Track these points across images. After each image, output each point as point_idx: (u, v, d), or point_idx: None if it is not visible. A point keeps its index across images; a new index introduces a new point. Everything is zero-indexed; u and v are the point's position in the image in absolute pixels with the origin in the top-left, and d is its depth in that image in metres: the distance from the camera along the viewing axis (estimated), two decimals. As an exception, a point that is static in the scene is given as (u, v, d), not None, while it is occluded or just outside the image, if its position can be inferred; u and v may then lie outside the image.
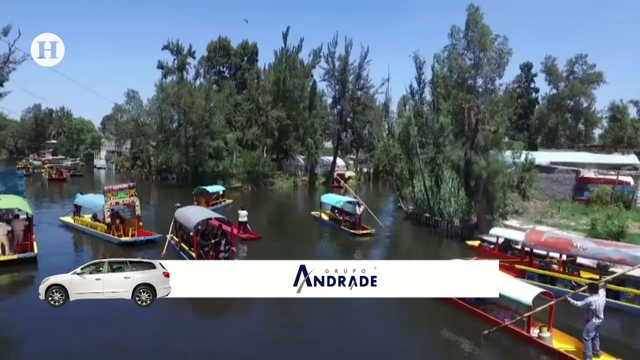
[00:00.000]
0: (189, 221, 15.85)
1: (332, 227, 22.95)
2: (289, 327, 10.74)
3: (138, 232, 18.22)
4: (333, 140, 59.91)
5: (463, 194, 21.83)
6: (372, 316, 11.42)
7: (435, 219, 23.80)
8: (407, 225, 26.04)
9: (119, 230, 17.89)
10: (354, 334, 10.45)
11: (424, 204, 25.39)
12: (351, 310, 11.37)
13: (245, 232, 20.56)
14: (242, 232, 20.43)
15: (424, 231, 23.48)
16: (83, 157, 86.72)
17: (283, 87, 48.59)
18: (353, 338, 10.23)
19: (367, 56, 55.09)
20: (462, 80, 39.91)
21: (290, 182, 49.25)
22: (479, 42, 37.68)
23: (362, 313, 11.44)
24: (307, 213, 31.00)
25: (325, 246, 20.68)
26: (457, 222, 21.83)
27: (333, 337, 10.23)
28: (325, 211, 24.58)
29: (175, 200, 36.39)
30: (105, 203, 17.74)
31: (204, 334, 10.23)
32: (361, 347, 9.78)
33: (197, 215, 16.20)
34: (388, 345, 10.01)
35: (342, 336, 10.30)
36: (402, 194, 28.20)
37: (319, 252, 19.26)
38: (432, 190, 24.23)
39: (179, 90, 40.27)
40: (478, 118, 19.07)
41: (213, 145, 42.11)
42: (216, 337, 10.24)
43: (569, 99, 56.50)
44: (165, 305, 9.73)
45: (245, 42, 60.65)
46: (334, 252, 19.16)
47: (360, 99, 57.41)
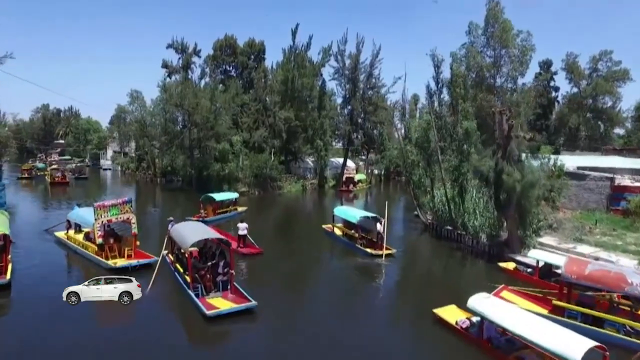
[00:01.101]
0: (183, 241, 14.19)
1: (345, 244, 20.58)
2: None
3: (135, 253, 16.40)
4: (343, 142, 57.94)
5: (491, 206, 19.69)
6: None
7: (458, 232, 21.74)
8: (425, 238, 24.02)
9: (113, 251, 16.09)
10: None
11: (445, 215, 23.34)
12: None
13: (245, 246, 18.96)
14: (242, 245, 18.85)
15: (445, 246, 21.42)
16: (90, 158, 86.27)
17: (291, 87, 46.71)
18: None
19: (379, 54, 53.31)
20: (480, 79, 37.80)
21: (299, 185, 47.44)
22: (500, 38, 35.52)
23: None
24: (317, 222, 29.09)
25: (337, 268, 18.33)
26: (483, 238, 19.76)
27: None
28: (338, 225, 22.44)
29: (180, 207, 35.15)
30: (95, 221, 15.82)
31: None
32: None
33: (193, 234, 14.43)
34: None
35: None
36: (419, 202, 26.14)
37: (329, 275, 17.24)
38: (455, 201, 22.17)
39: (182, 91, 38.53)
40: (511, 124, 16.95)
41: (218, 148, 40.35)
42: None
43: (592, 98, 53.67)
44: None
45: (252, 40, 58.75)
46: (347, 276, 16.85)
47: (371, 98, 55.32)
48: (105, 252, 15.84)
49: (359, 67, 53.41)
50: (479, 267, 17.99)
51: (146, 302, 12.98)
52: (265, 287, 15.25)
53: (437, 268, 18.50)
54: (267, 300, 13.06)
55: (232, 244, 18.92)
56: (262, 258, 18.42)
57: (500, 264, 16.38)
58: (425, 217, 26.08)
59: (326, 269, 18.12)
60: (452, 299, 12.58)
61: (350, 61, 53.15)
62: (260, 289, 14.32)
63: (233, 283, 13.65)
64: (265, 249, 19.24)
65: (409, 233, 24.93)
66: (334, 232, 22.21)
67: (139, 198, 41.05)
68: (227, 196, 29.75)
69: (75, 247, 17.65)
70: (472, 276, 16.48)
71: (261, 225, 27.03)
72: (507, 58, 33.58)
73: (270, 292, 14.62)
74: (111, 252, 15.98)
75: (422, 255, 20.68)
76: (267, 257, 18.58)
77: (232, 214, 29.09)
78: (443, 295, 13.47)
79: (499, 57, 34.76)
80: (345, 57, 52.97)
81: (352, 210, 21.53)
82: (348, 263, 18.31)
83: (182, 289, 13.69)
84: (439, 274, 17.63)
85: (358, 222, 19.51)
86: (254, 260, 18.19)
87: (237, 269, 16.51)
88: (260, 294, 13.08)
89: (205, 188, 41.14)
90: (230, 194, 30.42)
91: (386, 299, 14.79)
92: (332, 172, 53.94)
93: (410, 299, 14.47)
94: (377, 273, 16.96)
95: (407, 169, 25.96)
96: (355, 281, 16.14)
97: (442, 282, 16.29)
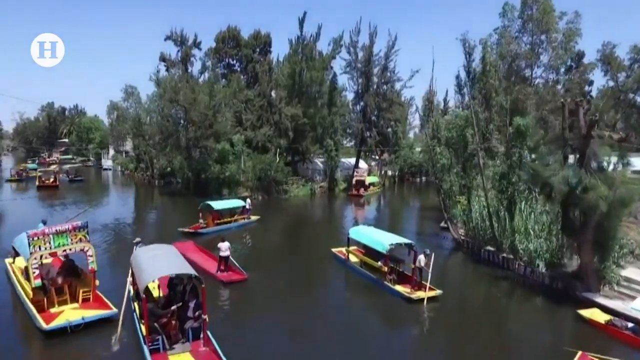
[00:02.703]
0: (139, 276, 10.33)
1: (365, 278, 15.44)
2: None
3: (93, 296, 12.20)
4: (355, 141, 53.64)
5: (556, 227, 15.17)
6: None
7: (504, 256, 17.34)
8: (459, 260, 19.60)
9: (63, 293, 11.84)
10: None
11: (484, 232, 18.96)
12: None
13: (227, 270, 15.38)
14: (224, 268, 15.31)
15: (487, 273, 16.98)
16: (93, 157, 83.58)
17: (299, 81, 42.54)
18: None
19: (395, 45, 48.90)
20: (515, 69, 33.14)
21: (307, 189, 43.28)
22: (540, 21, 30.81)
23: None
24: (326, 236, 24.93)
25: (355, 314, 12.79)
26: (541, 267, 15.32)
27: None
28: (353, 250, 17.56)
29: (177, 215, 31.12)
30: (30, 255, 11.09)
31: None
32: None
33: (154, 267, 10.46)
34: None
35: None
36: (450, 215, 21.78)
37: (343, 324, 11.95)
38: (499, 216, 17.76)
39: (176, 85, 34.57)
40: (593, 120, 12.50)
41: (218, 148, 36.40)
42: None
43: (632, 92, 48.31)
44: None
45: (258, 31, 54.77)
46: (368, 328, 11.84)
47: (386, 94, 50.96)
48: (45, 301, 11.42)
49: (372, 59, 49.13)
50: (540, 310, 13.56)
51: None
52: (251, 332, 11.27)
53: (483, 310, 13.90)
54: (253, 356, 9.61)
55: (218, 270, 15.37)
56: (249, 288, 14.49)
57: (581, 311, 11.89)
58: (456, 232, 21.71)
59: (338, 313, 12.95)
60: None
61: (363, 53, 48.94)
62: (243, 337, 10.77)
63: (206, 331, 9.93)
64: (256, 275, 15.36)
65: (437, 252, 20.22)
66: (348, 259, 17.19)
67: (135, 202, 37.46)
68: (231, 204, 25.70)
69: (16, 284, 13.25)
70: (535, 325, 12.07)
71: (258, 240, 23.00)
72: (548, 44, 28.84)
73: (258, 342, 10.57)
74: (59, 296, 11.86)
75: (459, 287, 16.05)
76: (258, 287, 14.58)
77: (239, 224, 25.24)
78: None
79: (538, 43, 30.07)
80: (358, 49, 48.81)
81: (376, 234, 16.12)
82: (370, 306, 13.56)
83: (140, 342, 9.78)
84: (488, 320, 13.11)
85: (388, 252, 14.35)
86: (237, 291, 14.26)
87: (215, 304, 12.57)
88: (243, 347, 9.53)
89: (203, 192, 37.40)
90: (235, 202, 26.29)
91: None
92: (343, 174, 49.70)
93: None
94: (410, 322, 12.52)
95: (437, 175, 21.56)
96: (381, 336, 11.68)
97: (494, 335, 11.93)
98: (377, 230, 16.63)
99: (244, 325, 11.88)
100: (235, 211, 25.96)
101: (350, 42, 48.10)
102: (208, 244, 19.52)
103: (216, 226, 23.86)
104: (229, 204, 25.84)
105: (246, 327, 11.73)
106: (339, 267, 17.31)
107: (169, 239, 21.62)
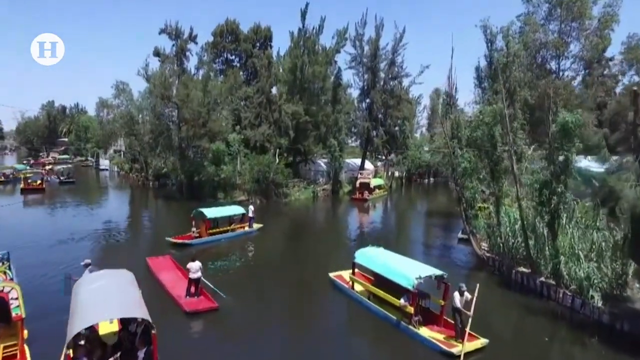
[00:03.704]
0: (70, 320, 7.72)
1: (379, 315, 11.85)
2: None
3: (20, 352, 9.26)
4: (361, 141, 50.58)
5: (623, 251, 11.98)
6: None
7: (542, 281, 14.25)
8: (484, 280, 16.15)
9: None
10: None
11: (516, 250, 15.89)
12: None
13: (198, 294, 12.79)
14: (194, 292, 12.72)
15: (521, 301, 13.84)
16: (92, 157, 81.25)
17: (301, 76, 39.63)
18: None
19: (403, 38, 45.78)
20: (540, 61, 29.90)
21: (309, 192, 40.32)
22: (569, 6, 27.46)
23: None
24: (327, 249, 21.93)
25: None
26: (596, 299, 12.21)
27: None
28: (358, 277, 13.83)
29: (170, 221, 28.13)
30: None
31: None
32: None
33: (96, 307, 7.86)
34: None
35: None
36: (472, 227, 18.70)
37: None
38: (535, 232, 14.66)
39: (166, 81, 31.73)
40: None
41: (212, 148, 33.56)
42: None
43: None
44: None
45: (257, 25, 52.00)
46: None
47: (393, 90, 47.84)
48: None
49: (379, 53, 46.06)
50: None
51: None
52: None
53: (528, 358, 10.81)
54: None
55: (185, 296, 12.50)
56: (222, 321, 11.70)
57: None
58: (479, 246, 18.62)
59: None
60: None
61: (369, 47, 45.87)
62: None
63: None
64: (236, 302, 12.70)
65: (455, 269, 17.16)
66: (353, 288, 13.53)
67: (124, 206, 34.73)
68: (227, 212, 22.76)
69: None
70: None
71: (248, 255, 20.06)
72: (580, 31, 25.54)
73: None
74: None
75: (491, 321, 12.84)
76: (233, 320, 11.79)
77: (236, 234, 22.38)
78: None
79: (566, 32, 26.77)
80: (364, 43, 45.79)
81: (394, 261, 12.35)
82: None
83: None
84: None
85: (416, 287, 10.77)
86: (207, 323, 11.49)
87: (177, 344, 9.82)
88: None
89: (197, 196, 34.68)
90: (232, 209, 23.32)
91: None
92: (348, 176, 46.67)
93: None
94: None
95: (457, 181, 18.45)
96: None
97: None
98: (394, 256, 13.02)
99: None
100: (233, 219, 23.08)
101: (355, 35, 45.14)
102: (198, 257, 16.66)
103: (210, 236, 21.08)
104: (226, 211, 22.84)
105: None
106: (339, 297, 13.91)
107: (155, 250, 18.98)
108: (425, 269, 11.49)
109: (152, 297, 11.38)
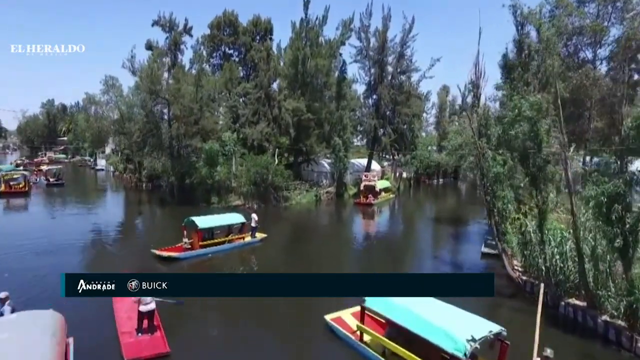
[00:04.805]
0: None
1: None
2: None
3: None
4: (367, 140, 47.42)
5: None
6: None
7: (606, 320, 11.10)
8: (521, 310, 13.10)
9: None
10: None
11: (566, 277, 12.74)
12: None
13: (151, 331, 9.96)
14: (145, 329, 9.93)
15: (580, 345, 10.75)
16: (90, 156, 79.09)
17: (302, 70, 36.54)
18: None
19: (412, 29, 42.54)
20: (573, 49, 26.60)
21: (311, 195, 37.24)
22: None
23: None
24: (329, 265, 18.75)
25: None
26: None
27: None
28: (369, 328, 9.89)
29: (159, 230, 25.10)
30: None
31: None
32: None
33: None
34: None
35: None
36: (505, 244, 15.54)
37: None
38: (596, 258, 11.49)
39: (154, 74, 28.81)
40: None
41: (205, 148, 30.62)
42: None
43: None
44: None
45: (257, 17, 49.00)
46: None
47: (402, 85, 44.67)
48: None
49: (386, 46, 42.86)
50: None
51: None
52: None
53: None
54: None
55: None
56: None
57: None
58: (512, 267, 15.48)
59: None
60: None
61: (376, 39, 42.72)
62: None
63: None
64: (199, 346, 9.75)
65: (485, 297, 13.87)
66: (362, 341, 9.88)
67: (112, 212, 31.85)
68: (222, 221, 19.85)
69: None
70: None
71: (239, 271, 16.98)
72: (625, 12, 22.22)
73: None
74: None
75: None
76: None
77: (233, 246, 19.50)
78: None
79: (605, 15, 23.47)
80: (370, 34, 42.63)
81: (427, 309, 8.71)
82: None
83: None
84: None
85: (470, 354, 7.44)
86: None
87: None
88: None
89: (189, 200, 31.78)
90: (230, 217, 20.36)
91: None
92: (354, 177, 43.57)
93: None
94: None
95: (488, 189, 15.25)
96: None
97: None
98: (423, 301, 9.01)
99: None
100: (231, 229, 20.16)
101: (361, 26, 41.95)
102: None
103: (203, 248, 18.22)
104: (222, 220, 19.91)
105: None
106: (340, 348, 10.23)
107: (136, 265, 16.11)
108: (479, 325, 8.10)
109: (97, 339, 9.21)
